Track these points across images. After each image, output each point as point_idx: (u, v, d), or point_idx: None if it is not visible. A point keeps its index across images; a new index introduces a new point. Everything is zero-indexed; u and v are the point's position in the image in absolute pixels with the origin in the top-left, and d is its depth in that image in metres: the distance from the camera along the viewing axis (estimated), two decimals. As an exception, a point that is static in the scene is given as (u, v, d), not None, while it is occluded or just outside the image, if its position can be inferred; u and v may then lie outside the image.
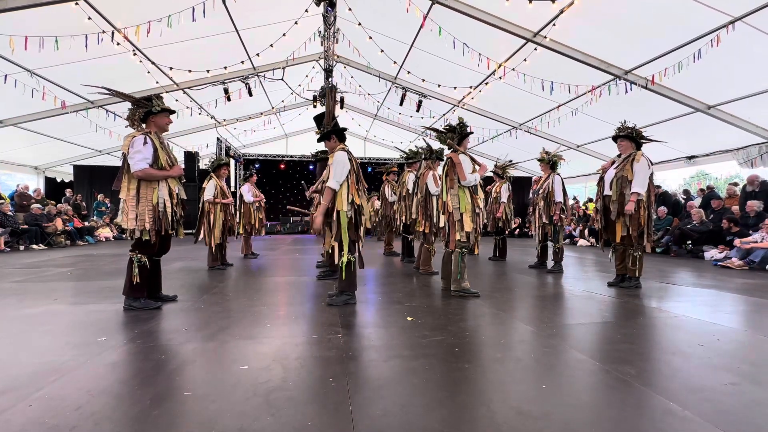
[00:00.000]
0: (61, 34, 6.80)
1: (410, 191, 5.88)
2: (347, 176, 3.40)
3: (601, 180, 4.54)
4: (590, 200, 14.11)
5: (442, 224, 4.02)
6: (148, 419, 1.54)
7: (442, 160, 5.43)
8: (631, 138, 4.31)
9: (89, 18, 6.71)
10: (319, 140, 3.91)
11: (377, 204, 11.18)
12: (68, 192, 12.88)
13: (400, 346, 2.41)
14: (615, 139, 4.45)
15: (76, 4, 6.39)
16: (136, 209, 3.17)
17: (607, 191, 4.40)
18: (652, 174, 4.21)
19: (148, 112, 3.30)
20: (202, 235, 5.81)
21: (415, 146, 6.02)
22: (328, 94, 9.21)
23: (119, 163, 3.28)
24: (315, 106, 11.34)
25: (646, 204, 4.16)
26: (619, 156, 4.43)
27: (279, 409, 1.62)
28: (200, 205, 5.89)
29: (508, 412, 1.61)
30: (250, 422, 1.52)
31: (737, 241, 6.79)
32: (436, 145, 5.11)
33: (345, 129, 3.73)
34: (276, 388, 1.81)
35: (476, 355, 2.31)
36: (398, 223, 6.45)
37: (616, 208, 4.25)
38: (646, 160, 4.18)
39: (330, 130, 3.69)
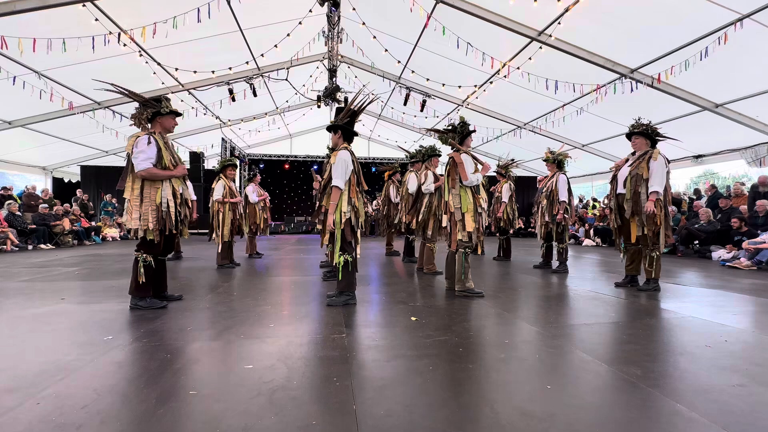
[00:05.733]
0: (68, 36, 6.88)
1: (410, 191, 5.94)
2: (349, 176, 3.39)
3: (614, 178, 4.44)
4: (594, 200, 14.01)
5: (444, 224, 4.01)
6: (153, 418, 1.55)
7: (440, 155, 5.47)
8: (646, 135, 4.21)
9: (96, 20, 6.78)
10: (328, 129, 3.69)
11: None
12: (78, 192, 13.03)
13: (404, 346, 2.41)
14: (629, 136, 4.33)
15: (83, 6, 6.45)
16: (140, 209, 3.19)
17: (620, 189, 4.29)
18: (668, 172, 4.09)
19: (156, 112, 3.32)
20: (213, 234, 5.91)
21: (420, 146, 6.00)
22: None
23: (125, 164, 3.31)
24: (319, 106, 11.37)
25: (662, 203, 4.04)
26: (633, 154, 4.31)
27: (283, 409, 1.62)
28: (209, 205, 6.00)
29: (512, 412, 1.61)
30: (254, 421, 1.52)
31: (746, 243, 6.71)
32: (438, 144, 5.13)
33: (356, 133, 3.61)
34: (280, 387, 1.82)
35: (480, 355, 2.30)
36: (397, 222, 6.47)
37: (630, 206, 4.15)
38: (664, 158, 4.06)
39: (340, 125, 3.52)
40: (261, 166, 17.24)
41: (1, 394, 1.74)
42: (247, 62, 9.94)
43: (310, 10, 8.28)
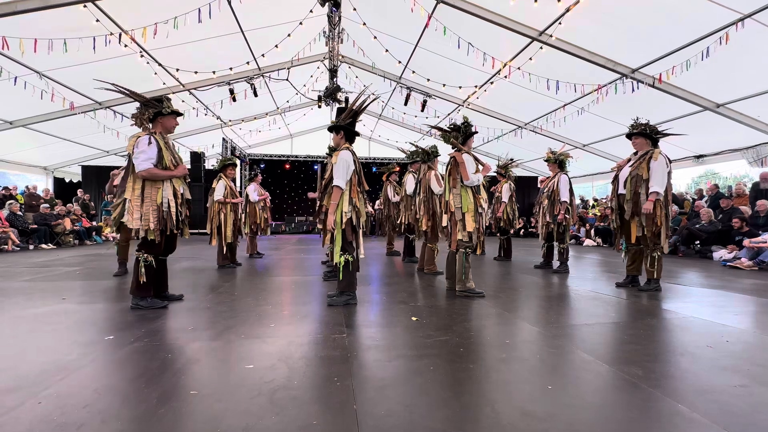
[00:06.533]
0: (69, 37, 6.89)
1: (407, 192, 5.96)
2: (351, 176, 3.40)
3: (616, 178, 4.43)
4: (596, 200, 14.00)
5: (445, 224, 4.01)
6: (154, 417, 1.55)
7: (439, 155, 5.47)
8: (645, 135, 4.19)
9: (97, 20, 6.79)
10: (330, 129, 3.69)
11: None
12: (80, 192, 13.05)
13: (404, 346, 2.41)
14: (629, 136, 4.31)
15: (84, 6, 6.46)
16: (141, 209, 3.19)
17: (621, 190, 4.29)
18: (670, 172, 4.07)
19: (157, 112, 3.33)
20: (213, 238, 5.89)
21: (414, 145, 5.95)
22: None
23: (126, 164, 3.32)
24: (320, 107, 11.37)
25: (663, 203, 4.02)
26: (635, 154, 4.30)
27: (284, 409, 1.62)
28: (208, 205, 5.96)
29: (512, 412, 1.61)
30: (255, 421, 1.53)
31: (746, 242, 6.70)
32: (438, 144, 5.12)
33: (357, 133, 3.62)
34: (281, 387, 1.82)
35: (481, 355, 2.30)
36: (400, 223, 6.47)
37: (631, 207, 4.15)
38: (664, 158, 4.04)
39: (342, 125, 3.53)
40: (262, 166, 17.26)
41: (2, 394, 1.74)
42: (247, 62, 9.94)
43: (311, 11, 8.29)
